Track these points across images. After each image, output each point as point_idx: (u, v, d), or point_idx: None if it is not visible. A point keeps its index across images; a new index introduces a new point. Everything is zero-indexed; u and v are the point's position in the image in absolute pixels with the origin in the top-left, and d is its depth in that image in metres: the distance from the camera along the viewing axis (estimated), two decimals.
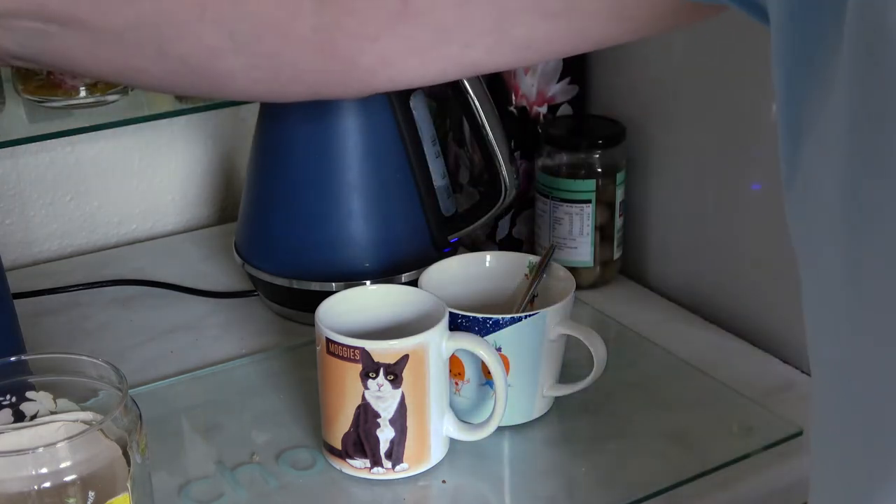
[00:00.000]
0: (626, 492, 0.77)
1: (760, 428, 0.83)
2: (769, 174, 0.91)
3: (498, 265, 0.88)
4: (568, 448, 0.82)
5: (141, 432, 0.63)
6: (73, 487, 0.60)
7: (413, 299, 0.81)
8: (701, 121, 0.97)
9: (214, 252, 1.14)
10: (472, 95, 0.94)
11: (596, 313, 1.00)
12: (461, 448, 0.80)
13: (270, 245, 0.97)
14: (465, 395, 0.82)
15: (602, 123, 1.04)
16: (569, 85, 1.06)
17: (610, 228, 1.03)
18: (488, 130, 0.95)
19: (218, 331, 0.99)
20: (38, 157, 1.13)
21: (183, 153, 1.20)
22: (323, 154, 0.93)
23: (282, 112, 0.94)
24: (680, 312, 1.01)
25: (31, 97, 1.03)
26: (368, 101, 0.93)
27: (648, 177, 1.03)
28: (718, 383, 0.89)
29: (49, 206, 1.15)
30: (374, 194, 0.94)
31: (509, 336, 0.79)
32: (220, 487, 0.77)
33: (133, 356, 0.94)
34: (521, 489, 0.78)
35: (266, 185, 0.96)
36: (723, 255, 0.98)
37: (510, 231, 1.08)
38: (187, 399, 0.90)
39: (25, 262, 1.15)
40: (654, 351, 0.94)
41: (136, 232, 1.20)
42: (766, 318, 0.94)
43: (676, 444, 0.81)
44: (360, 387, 0.75)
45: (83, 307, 1.03)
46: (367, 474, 0.78)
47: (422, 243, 0.96)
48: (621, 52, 1.03)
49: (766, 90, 0.89)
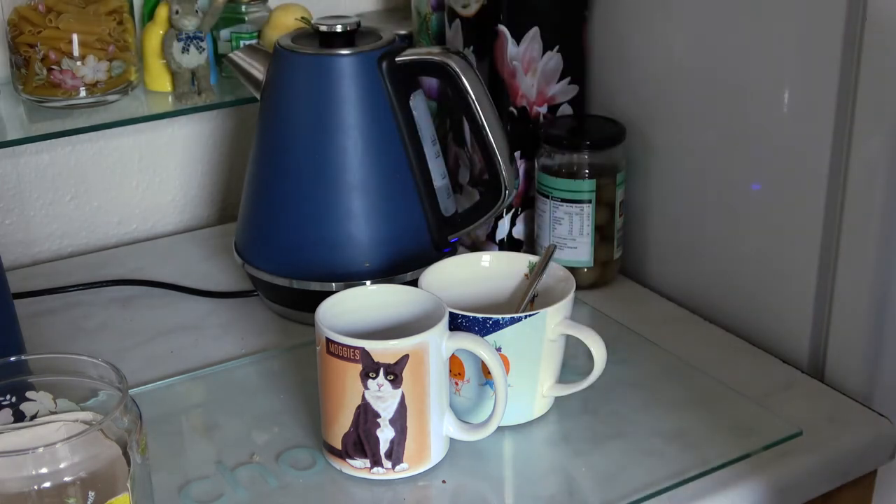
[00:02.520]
0: (626, 492, 0.77)
1: (760, 428, 0.83)
2: (769, 174, 0.91)
3: (498, 265, 0.88)
4: (568, 448, 0.82)
5: (141, 432, 0.64)
6: (73, 487, 0.60)
7: (413, 299, 0.81)
8: (701, 121, 0.97)
9: (214, 252, 1.14)
10: (472, 95, 0.94)
11: (596, 313, 1.00)
12: (461, 448, 0.80)
13: (270, 245, 0.97)
14: (465, 395, 0.82)
15: (602, 123, 1.04)
16: (569, 85, 1.06)
17: (610, 228, 1.03)
18: (488, 130, 0.95)
19: (218, 331, 0.99)
20: (38, 157, 1.13)
21: (183, 153, 1.20)
22: (323, 154, 0.93)
23: (282, 112, 0.94)
24: (680, 312, 1.01)
25: (31, 97, 1.04)
26: (368, 101, 0.93)
27: (648, 177, 1.03)
28: (718, 383, 0.89)
29: (49, 206, 1.15)
30: (374, 194, 0.94)
31: (509, 336, 0.79)
32: (220, 487, 0.77)
33: (133, 356, 0.94)
34: (521, 489, 0.78)
35: (266, 185, 0.96)
36: (723, 255, 0.98)
37: (510, 231, 1.08)
38: (187, 399, 0.90)
39: (25, 262, 1.15)
40: (654, 351, 0.94)
41: (136, 232, 1.20)
42: (766, 318, 0.94)
43: (676, 444, 0.81)
44: (360, 387, 0.75)
45: (83, 307, 1.03)
46: (367, 474, 0.78)
47: (422, 243, 0.96)
48: (621, 52, 1.03)
49: (766, 90, 0.89)
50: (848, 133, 0.84)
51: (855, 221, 0.85)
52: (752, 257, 0.95)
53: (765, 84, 0.90)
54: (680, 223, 1.02)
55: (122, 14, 1.04)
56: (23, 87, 1.03)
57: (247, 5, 1.12)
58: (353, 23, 0.94)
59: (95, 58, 1.02)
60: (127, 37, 1.05)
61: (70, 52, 1.01)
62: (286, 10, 1.08)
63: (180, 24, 1.05)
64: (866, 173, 0.83)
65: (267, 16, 1.10)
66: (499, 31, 1.02)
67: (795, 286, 0.91)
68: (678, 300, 1.03)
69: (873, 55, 0.81)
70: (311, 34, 0.96)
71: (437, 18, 1.11)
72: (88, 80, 1.02)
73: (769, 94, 0.89)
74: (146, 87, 1.09)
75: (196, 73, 1.07)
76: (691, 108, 0.97)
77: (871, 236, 0.84)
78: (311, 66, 0.94)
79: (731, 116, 0.93)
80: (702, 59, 0.95)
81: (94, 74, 1.02)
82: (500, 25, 1.01)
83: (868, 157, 0.83)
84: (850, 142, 0.84)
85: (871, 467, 0.86)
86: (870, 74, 0.81)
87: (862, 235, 0.85)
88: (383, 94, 0.93)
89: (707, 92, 0.95)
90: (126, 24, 1.05)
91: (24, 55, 1.02)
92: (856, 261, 0.86)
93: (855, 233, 0.85)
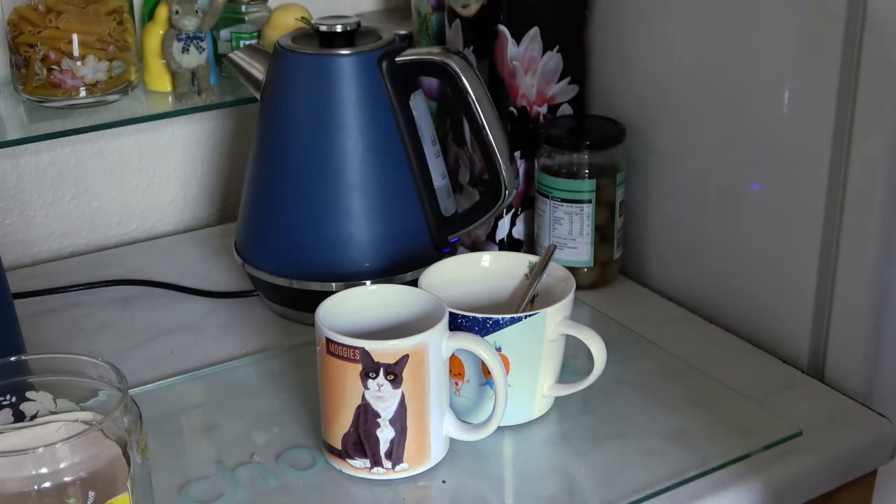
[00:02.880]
0: (626, 492, 0.77)
1: (760, 428, 0.83)
2: (769, 174, 0.91)
3: (498, 265, 0.88)
4: (568, 448, 0.82)
5: (141, 432, 0.64)
6: (73, 487, 0.60)
7: (413, 299, 0.81)
8: (701, 121, 0.97)
9: (214, 252, 1.14)
10: (472, 95, 0.94)
11: (596, 313, 1.00)
12: (461, 448, 0.80)
13: (270, 245, 0.97)
14: (465, 395, 0.82)
15: (602, 123, 1.04)
16: (569, 85, 1.06)
17: (610, 228, 1.03)
18: (488, 130, 0.95)
19: (218, 331, 0.99)
20: (38, 157, 1.13)
21: (183, 153, 1.20)
22: (323, 154, 0.93)
23: (282, 112, 0.94)
24: (680, 312, 1.01)
25: (31, 97, 1.04)
26: (369, 101, 0.93)
27: (648, 177, 1.03)
28: (718, 383, 0.89)
29: (49, 206, 1.15)
30: (374, 194, 0.94)
31: (509, 336, 0.79)
32: (220, 487, 0.77)
33: (133, 356, 0.94)
34: (521, 489, 0.78)
35: (266, 185, 0.96)
36: (723, 255, 0.97)
37: (510, 231, 1.08)
38: (187, 399, 0.90)
39: (25, 262, 1.15)
40: (654, 351, 0.94)
41: (136, 232, 1.20)
42: (766, 318, 0.94)
43: (676, 444, 0.81)
44: (360, 387, 0.75)
45: (83, 307, 1.03)
46: (367, 474, 0.78)
47: (422, 243, 0.96)
48: (621, 52, 1.03)
49: (766, 90, 0.89)
50: (848, 133, 0.84)
51: (855, 221, 0.85)
52: (752, 257, 0.95)
53: (765, 84, 0.90)
54: (680, 223, 1.02)
55: (122, 14, 1.04)
56: (23, 87, 1.03)
57: (247, 5, 1.12)
58: (353, 23, 0.94)
59: (95, 58, 1.02)
60: (127, 37, 1.05)
61: (70, 52, 1.01)
62: (286, 10, 1.08)
63: (180, 24, 1.05)
64: (866, 173, 0.83)
65: (267, 16, 1.10)
66: (499, 31, 1.02)
67: (795, 286, 0.91)
68: (678, 300, 1.03)
69: (873, 55, 0.81)
70: (311, 34, 0.96)
71: (437, 18, 1.11)
72: (88, 80, 1.02)
73: (769, 94, 0.89)
74: (146, 87, 1.09)
75: (196, 73, 1.07)
76: (691, 108, 0.97)
77: (871, 236, 0.84)
78: (311, 66, 0.94)
79: (731, 116, 0.93)
80: (702, 59, 0.95)
81: (94, 74, 1.02)
82: (500, 25, 1.01)
83: (868, 157, 0.83)
84: (850, 142, 0.84)
85: (870, 467, 0.86)
86: (870, 74, 0.81)
87: (862, 235, 0.85)
88: (383, 94, 0.93)
89: (707, 92, 0.95)
90: (126, 24, 1.05)
91: (24, 55, 1.02)
92: (856, 261, 0.86)
93: (855, 233, 0.85)
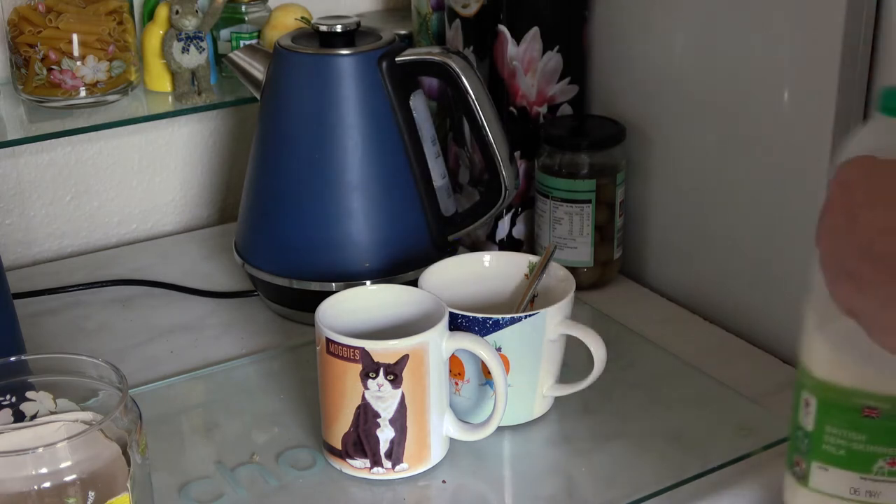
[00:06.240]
0: (626, 492, 0.77)
1: (760, 428, 0.83)
2: (769, 174, 0.91)
3: (498, 265, 0.88)
4: (568, 448, 0.82)
5: (141, 432, 0.64)
6: (73, 487, 0.60)
7: (413, 299, 0.81)
8: (701, 121, 0.97)
9: (214, 252, 1.14)
10: (472, 95, 0.94)
11: (596, 313, 1.00)
12: (461, 448, 0.80)
13: (270, 245, 0.97)
14: (465, 395, 0.82)
15: (602, 123, 1.04)
16: (569, 85, 1.06)
17: (610, 228, 1.03)
18: (488, 130, 0.95)
19: (218, 331, 0.99)
20: (38, 157, 1.13)
21: (183, 153, 1.20)
22: (323, 154, 0.93)
23: (282, 113, 0.94)
24: (680, 312, 1.01)
25: (31, 97, 1.04)
26: (368, 101, 0.93)
27: (648, 177, 1.03)
28: (718, 383, 0.89)
29: (49, 206, 1.15)
30: (374, 194, 0.94)
31: (509, 336, 0.79)
32: (220, 487, 0.77)
33: (133, 356, 0.94)
34: (521, 489, 0.78)
35: (266, 185, 0.96)
36: (723, 255, 0.97)
37: (510, 231, 1.08)
38: (187, 399, 0.90)
39: (25, 262, 1.15)
40: (654, 351, 0.94)
41: (136, 232, 1.20)
42: (766, 318, 0.94)
43: (676, 444, 0.81)
44: (360, 387, 0.75)
45: (83, 307, 1.03)
46: (367, 474, 0.78)
47: (422, 243, 0.96)
48: (621, 52, 1.03)
49: (766, 90, 0.89)
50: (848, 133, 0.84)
51: None
52: (752, 257, 0.95)
53: (765, 84, 0.89)
54: (680, 223, 1.02)
55: (122, 14, 1.04)
56: (23, 87, 1.03)
57: (247, 5, 1.12)
58: (353, 23, 0.94)
59: (95, 58, 1.02)
60: (127, 37, 1.05)
61: (70, 52, 1.01)
62: (286, 10, 1.08)
63: (180, 24, 1.05)
64: None
65: (267, 16, 1.10)
66: (499, 31, 1.02)
67: (795, 286, 0.91)
68: (678, 300, 1.03)
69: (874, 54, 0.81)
70: (311, 34, 0.96)
71: (437, 18, 1.11)
72: (88, 80, 1.02)
73: (769, 94, 0.89)
74: (146, 87, 1.09)
75: (196, 73, 1.07)
76: (691, 108, 0.97)
77: None
78: (311, 66, 0.94)
79: (731, 116, 0.93)
80: (702, 59, 0.95)
81: (94, 74, 1.02)
82: (500, 25, 1.01)
83: None
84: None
85: None
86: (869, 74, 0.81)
87: None
88: (383, 94, 0.93)
89: (707, 92, 0.95)
90: (126, 24, 1.05)
91: (24, 55, 1.02)
92: None
93: None
